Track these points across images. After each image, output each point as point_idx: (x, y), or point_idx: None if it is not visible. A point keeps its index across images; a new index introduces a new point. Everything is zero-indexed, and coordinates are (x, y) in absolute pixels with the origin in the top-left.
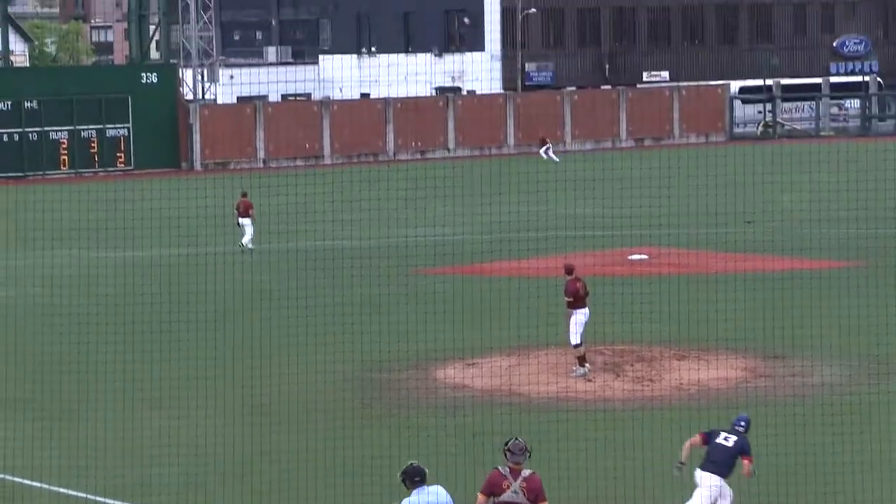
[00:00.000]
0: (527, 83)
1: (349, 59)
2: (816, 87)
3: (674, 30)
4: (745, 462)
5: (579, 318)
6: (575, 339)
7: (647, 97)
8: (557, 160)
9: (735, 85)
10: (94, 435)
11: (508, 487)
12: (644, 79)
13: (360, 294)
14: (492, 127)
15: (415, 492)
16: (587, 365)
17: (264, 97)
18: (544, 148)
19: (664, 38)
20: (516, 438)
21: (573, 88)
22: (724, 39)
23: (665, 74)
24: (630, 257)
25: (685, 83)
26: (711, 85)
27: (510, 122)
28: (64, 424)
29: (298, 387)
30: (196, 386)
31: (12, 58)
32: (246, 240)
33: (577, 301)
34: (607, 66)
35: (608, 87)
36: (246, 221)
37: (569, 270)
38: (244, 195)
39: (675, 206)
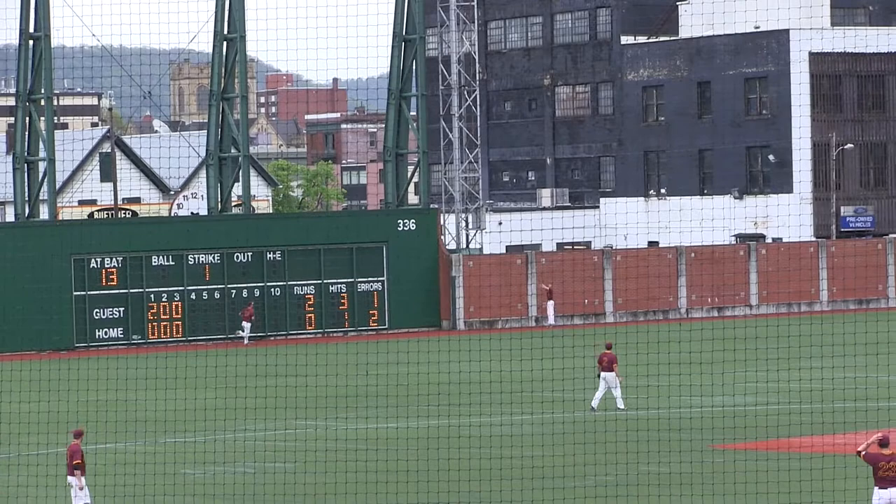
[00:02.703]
0: (842, 229)
1: (635, 203)
2: None
3: None
4: None
5: (874, 498)
6: None
7: None
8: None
9: None
10: None
11: None
12: None
13: (648, 472)
14: (801, 280)
15: None
16: None
17: (537, 246)
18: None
19: None
20: None
21: None
22: None
23: None
24: None
25: None
26: None
27: (823, 275)
28: None
29: None
30: None
31: (253, 203)
32: (596, 402)
33: (878, 482)
34: None
35: None
36: (609, 376)
37: (883, 443)
38: (608, 347)
39: None
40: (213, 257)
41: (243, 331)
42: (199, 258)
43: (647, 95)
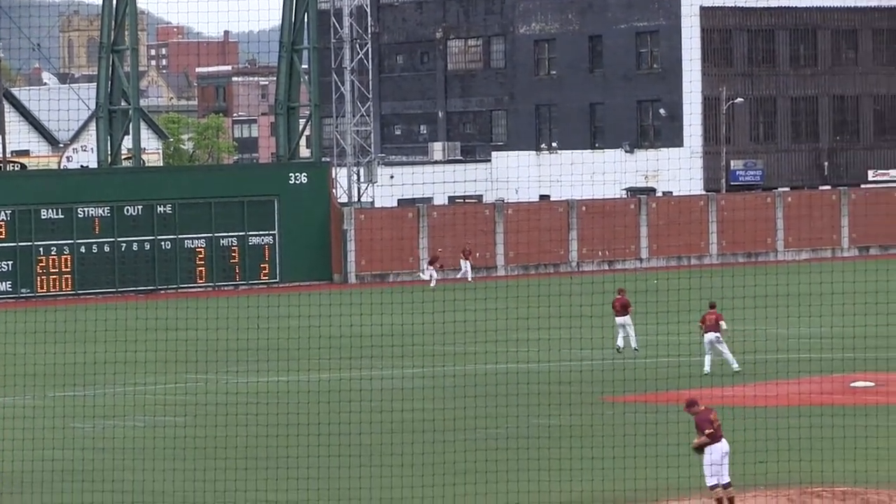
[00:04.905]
0: (732, 183)
1: (526, 157)
2: None
3: None
4: None
5: (714, 455)
6: (709, 479)
7: (874, 198)
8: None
9: None
10: None
11: None
12: (870, 177)
13: (539, 424)
14: (691, 233)
15: None
16: None
17: (429, 200)
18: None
19: (893, 131)
20: None
21: (786, 189)
22: None
23: (894, 172)
24: (853, 384)
25: None
26: None
27: (713, 228)
28: None
29: None
30: None
31: (144, 156)
32: (621, 341)
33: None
34: (826, 164)
35: (827, 187)
36: (624, 320)
37: (691, 403)
38: (620, 292)
39: None
40: (103, 210)
41: (429, 275)
42: (88, 211)
43: (538, 49)
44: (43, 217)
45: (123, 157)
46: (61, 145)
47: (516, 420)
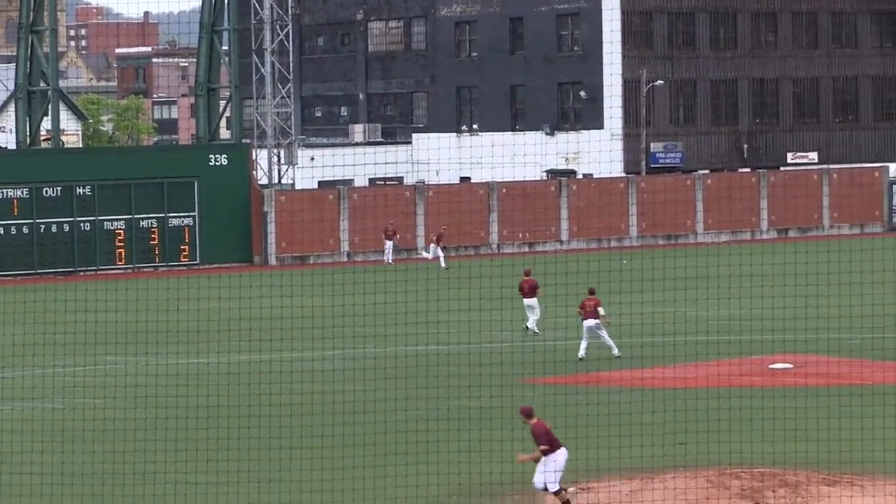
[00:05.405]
0: (652, 165)
1: (447, 139)
2: None
3: (823, 104)
4: None
5: (559, 462)
6: (554, 486)
7: (793, 181)
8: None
9: (894, 168)
10: None
11: None
12: (789, 160)
13: (459, 406)
14: (611, 215)
15: None
16: None
17: (349, 182)
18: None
19: (812, 114)
20: None
21: (706, 171)
22: (881, 115)
23: (813, 155)
24: (771, 366)
25: (836, 165)
26: (867, 167)
27: (633, 210)
28: None
29: None
30: None
31: (63, 137)
32: (531, 323)
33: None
34: (746, 146)
35: (747, 169)
36: (532, 302)
37: (527, 414)
38: (527, 273)
39: (825, 306)
40: (22, 192)
41: (429, 252)
42: (7, 193)
43: (459, 31)
44: None
45: (42, 138)
46: None
47: (436, 402)
